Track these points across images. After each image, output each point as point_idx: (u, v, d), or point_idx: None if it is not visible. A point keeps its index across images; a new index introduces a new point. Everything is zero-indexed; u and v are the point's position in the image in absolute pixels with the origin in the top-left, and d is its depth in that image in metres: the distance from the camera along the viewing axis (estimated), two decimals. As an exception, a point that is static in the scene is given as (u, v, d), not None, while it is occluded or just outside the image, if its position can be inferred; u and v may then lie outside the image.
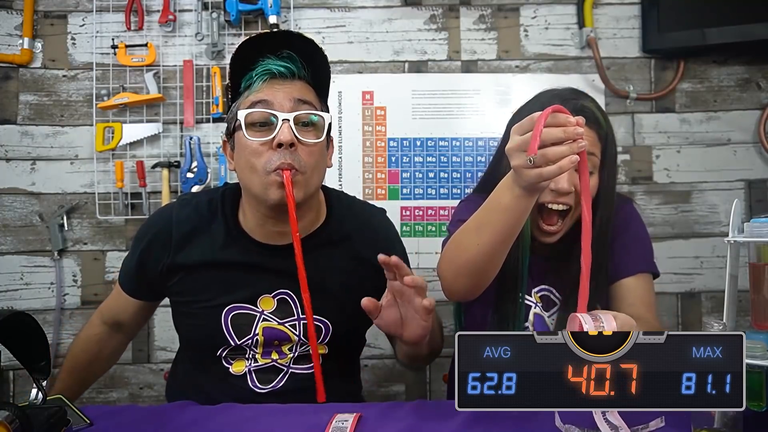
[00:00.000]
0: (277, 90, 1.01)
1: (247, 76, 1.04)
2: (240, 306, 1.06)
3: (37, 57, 1.80)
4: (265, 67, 1.02)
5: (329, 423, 0.81)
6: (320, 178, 1.07)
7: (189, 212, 1.10)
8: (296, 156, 0.98)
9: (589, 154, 0.99)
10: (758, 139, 1.81)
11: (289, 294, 1.07)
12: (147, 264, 1.10)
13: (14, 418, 0.67)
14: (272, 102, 0.99)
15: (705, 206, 1.83)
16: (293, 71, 1.03)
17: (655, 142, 1.84)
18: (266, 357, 1.07)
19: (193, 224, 1.08)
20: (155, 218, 1.14)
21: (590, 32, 1.78)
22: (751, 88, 1.83)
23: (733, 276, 0.84)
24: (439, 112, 1.81)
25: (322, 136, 1.02)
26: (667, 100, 1.84)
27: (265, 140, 0.98)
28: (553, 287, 1.16)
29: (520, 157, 0.78)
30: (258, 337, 1.05)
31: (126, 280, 1.16)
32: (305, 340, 1.06)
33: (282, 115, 0.98)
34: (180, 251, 1.07)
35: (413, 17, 1.84)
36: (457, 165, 1.80)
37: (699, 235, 1.83)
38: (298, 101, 1.00)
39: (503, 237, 0.89)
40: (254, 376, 1.07)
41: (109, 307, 1.21)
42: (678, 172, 1.84)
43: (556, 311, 1.16)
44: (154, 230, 1.11)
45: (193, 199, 1.13)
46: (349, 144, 1.80)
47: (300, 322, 1.07)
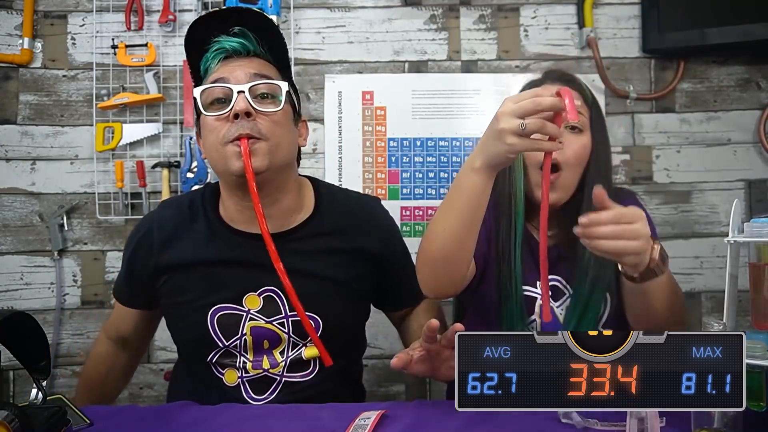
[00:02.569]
0: (234, 68, 1.00)
1: (203, 58, 1.04)
2: (226, 306, 1.04)
3: (37, 57, 1.80)
4: (218, 45, 1.02)
5: (352, 421, 0.81)
6: (289, 152, 1.04)
7: (170, 213, 1.10)
8: (255, 125, 0.96)
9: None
10: (758, 139, 1.81)
11: (275, 291, 1.04)
12: (135, 270, 1.11)
13: (14, 417, 0.67)
14: (228, 78, 0.99)
15: (705, 206, 1.83)
16: (248, 47, 1.02)
17: (655, 142, 1.84)
18: (257, 367, 1.04)
19: (175, 224, 1.08)
20: (139, 224, 1.14)
21: (590, 32, 1.78)
22: (751, 88, 1.83)
23: (733, 276, 0.84)
24: (439, 112, 1.81)
25: (281, 105, 1.00)
26: (667, 100, 1.83)
27: (222, 113, 0.97)
28: (560, 276, 1.13)
29: (511, 121, 0.81)
30: (246, 337, 1.03)
31: (119, 291, 1.17)
32: (296, 338, 1.04)
33: (237, 87, 0.96)
34: (163, 252, 1.07)
35: (413, 17, 1.84)
36: (457, 165, 1.80)
37: (699, 235, 1.83)
38: (255, 75, 0.99)
39: (467, 220, 0.91)
40: (248, 387, 1.05)
41: (112, 322, 1.21)
42: (678, 172, 1.84)
43: (565, 301, 1.13)
44: (138, 236, 1.11)
45: (174, 201, 1.14)
46: (349, 144, 1.80)
47: (288, 320, 1.04)
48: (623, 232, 0.83)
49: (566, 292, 1.13)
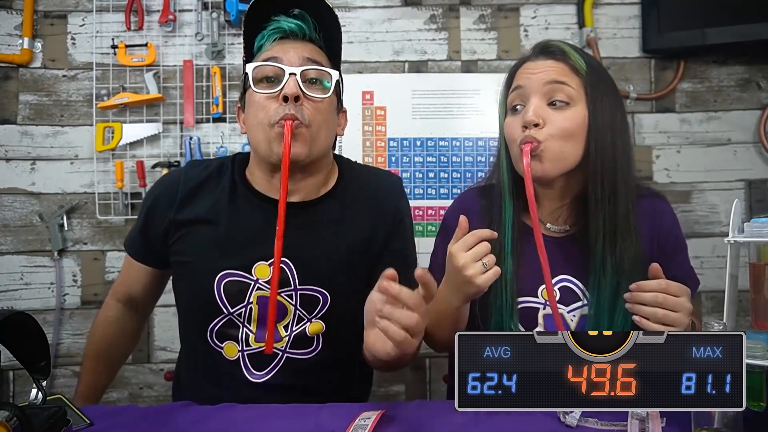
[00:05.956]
0: (288, 49, 1.01)
1: (259, 36, 1.05)
2: (234, 273, 1.03)
3: (37, 57, 1.80)
4: (276, 25, 1.03)
5: (352, 421, 0.81)
6: (328, 139, 1.05)
7: (198, 171, 1.10)
8: (301, 110, 0.97)
9: (557, 83, 1.00)
10: (758, 139, 1.81)
11: (286, 263, 1.03)
12: (152, 222, 1.09)
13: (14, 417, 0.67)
14: (282, 59, 1.00)
15: (705, 206, 1.83)
16: (304, 31, 1.04)
17: (655, 142, 1.84)
18: (260, 340, 1.03)
19: (201, 181, 1.08)
20: (164, 178, 1.14)
21: (590, 32, 1.79)
22: (751, 88, 1.83)
23: (733, 276, 0.84)
24: (439, 112, 1.81)
25: (329, 93, 1.01)
26: (667, 100, 1.84)
27: (272, 92, 0.98)
28: (573, 276, 1.05)
29: (474, 267, 0.89)
30: (252, 306, 1.02)
31: (132, 244, 1.15)
32: (302, 312, 1.04)
33: (289, 69, 0.98)
34: (184, 207, 1.07)
35: (413, 17, 1.84)
36: (457, 165, 1.80)
37: (699, 235, 1.83)
38: (308, 59, 1.01)
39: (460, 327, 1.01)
40: (248, 362, 1.04)
41: (121, 281, 1.20)
42: (678, 172, 1.84)
43: (581, 307, 1.04)
44: (161, 188, 1.11)
45: (203, 162, 1.13)
46: (349, 144, 1.80)
47: (297, 293, 1.03)
48: (665, 301, 0.88)
49: (580, 295, 1.05)
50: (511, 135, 1.03)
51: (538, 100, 1.00)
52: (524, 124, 0.99)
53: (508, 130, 1.04)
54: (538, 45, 1.08)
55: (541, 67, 1.02)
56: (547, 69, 1.02)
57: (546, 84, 1.00)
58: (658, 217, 1.09)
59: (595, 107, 1.01)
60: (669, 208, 1.13)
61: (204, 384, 1.08)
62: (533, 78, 1.02)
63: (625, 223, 1.01)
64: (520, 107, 1.03)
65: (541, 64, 1.03)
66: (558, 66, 1.02)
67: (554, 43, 1.07)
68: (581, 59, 1.04)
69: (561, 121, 0.99)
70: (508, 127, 1.04)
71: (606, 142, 1.01)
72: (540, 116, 0.99)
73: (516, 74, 1.06)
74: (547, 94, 1.01)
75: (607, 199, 1.01)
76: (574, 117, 1.00)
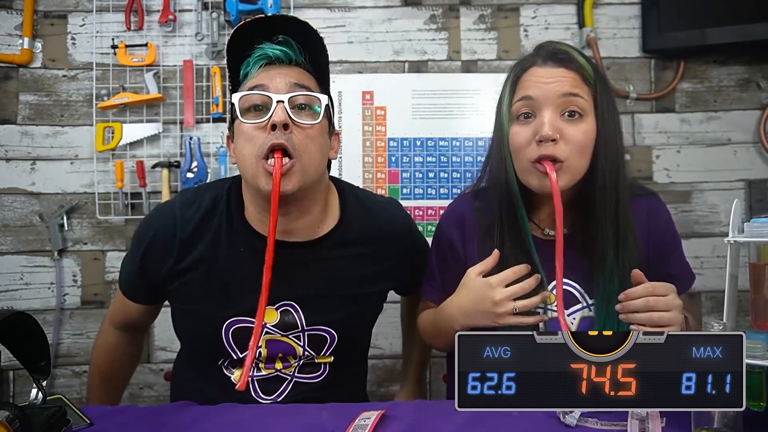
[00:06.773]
0: (274, 75, 0.98)
1: (244, 63, 1.02)
2: (241, 320, 1.02)
3: (37, 57, 1.80)
4: (261, 52, 1.00)
5: (352, 421, 0.81)
6: (320, 168, 1.01)
7: (192, 213, 1.04)
8: (290, 138, 0.93)
9: (571, 95, 0.98)
10: (758, 139, 1.81)
11: (292, 305, 1.03)
12: (150, 267, 1.06)
13: (14, 418, 0.67)
14: (268, 86, 0.96)
15: (705, 206, 1.83)
16: (290, 56, 1.01)
17: (655, 142, 1.84)
18: (270, 367, 1.04)
19: (197, 224, 1.03)
20: (155, 218, 1.07)
21: (590, 32, 1.78)
22: (751, 88, 1.83)
23: (733, 276, 0.84)
24: (439, 112, 1.81)
25: (319, 119, 0.98)
26: (667, 100, 1.84)
27: (259, 122, 0.95)
28: (572, 280, 1.05)
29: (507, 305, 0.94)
30: (261, 350, 1.03)
31: (127, 287, 1.13)
32: (311, 351, 1.05)
33: (276, 96, 0.94)
34: (184, 255, 1.03)
35: (413, 17, 1.84)
36: (457, 165, 1.80)
37: (699, 235, 1.83)
38: (295, 85, 0.97)
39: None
40: (257, 386, 1.05)
41: (117, 312, 1.18)
42: (678, 172, 1.84)
43: (580, 309, 1.05)
44: (154, 232, 1.05)
45: (196, 199, 1.06)
46: (349, 144, 1.80)
47: (304, 334, 1.04)
48: (656, 304, 0.90)
49: (579, 298, 1.06)
50: (518, 145, 1.00)
51: (551, 114, 0.97)
52: (540, 139, 0.97)
53: (516, 139, 1.01)
54: (543, 48, 1.04)
55: (551, 75, 0.99)
56: (559, 79, 0.98)
57: (560, 97, 0.97)
58: (654, 217, 1.09)
59: (603, 117, 1.01)
60: (663, 206, 1.13)
61: (210, 395, 1.06)
62: (545, 88, 0.98)
63: (627, 227, 1.02)
64: (529, 116, 1.00)
65: (552, 72, 0.99)
66: (570, 75, 0.99)
67: (560, 47, 1.04)
68: (589, 67, 1.02)
69: (577, 135, 0.98)
70: (515, 136, 1.01)
71: (613, 152, 1.01)
72: (557, 130, 0.97)
73: (521, 80, 1.02)
74: (561, 106, 0.98)
75: (614, 206, 1.01)
76: (587, 130, 0.99)
